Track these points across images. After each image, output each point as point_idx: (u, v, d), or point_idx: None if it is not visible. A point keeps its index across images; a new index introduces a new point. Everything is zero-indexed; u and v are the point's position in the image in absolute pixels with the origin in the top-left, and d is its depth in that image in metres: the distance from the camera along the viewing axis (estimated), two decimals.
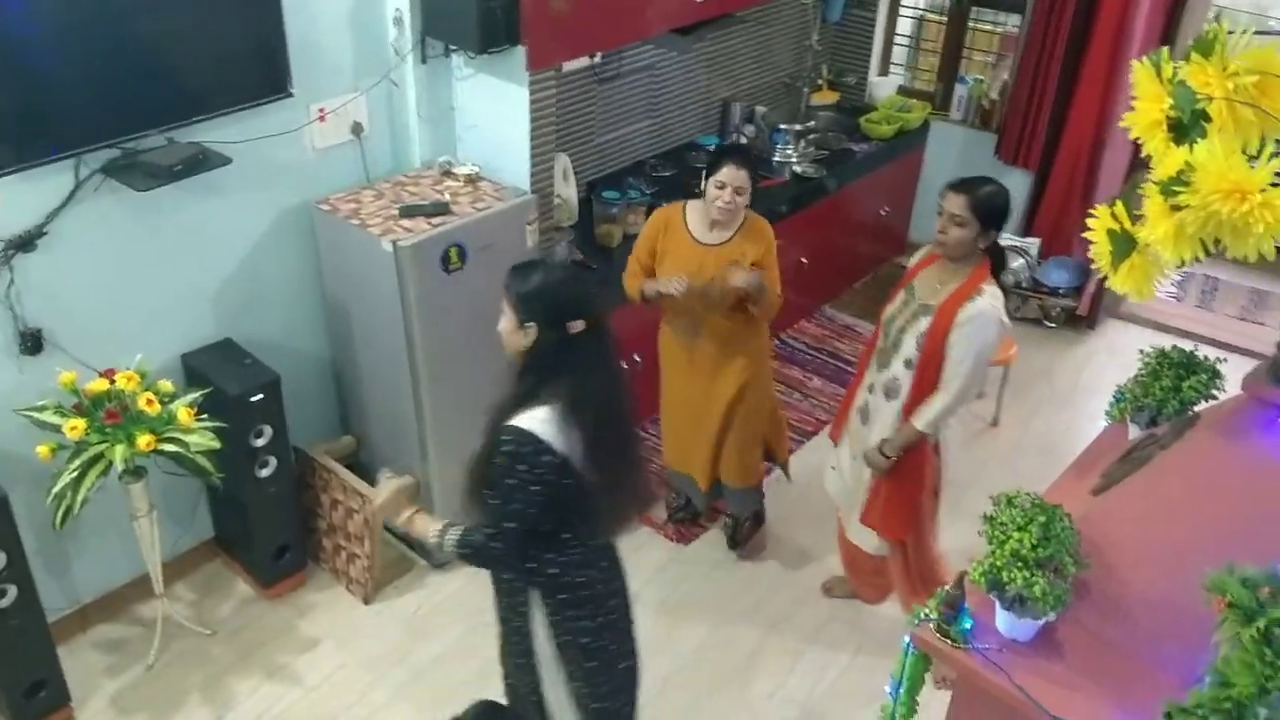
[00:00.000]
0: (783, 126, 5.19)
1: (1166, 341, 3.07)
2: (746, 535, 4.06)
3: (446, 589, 3.81)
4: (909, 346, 3.14)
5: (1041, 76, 5.30)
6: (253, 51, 3.27)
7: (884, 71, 6.13)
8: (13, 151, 2.83)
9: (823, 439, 4.69)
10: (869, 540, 3.44)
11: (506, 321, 2.42)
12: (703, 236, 3.46)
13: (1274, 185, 1.67)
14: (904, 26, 6.12)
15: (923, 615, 2.04)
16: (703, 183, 3.40)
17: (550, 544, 2.44)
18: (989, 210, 3.02)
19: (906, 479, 3.22)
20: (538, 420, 2.31)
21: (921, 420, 3.10)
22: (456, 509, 2.94)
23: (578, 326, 2.37)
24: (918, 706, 2.24)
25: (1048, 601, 1.90)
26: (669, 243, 3.50)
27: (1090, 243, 1.97)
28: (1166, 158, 1.78)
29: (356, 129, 3.69)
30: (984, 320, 2.98)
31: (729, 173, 3.31)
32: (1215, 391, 2.41)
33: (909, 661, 2.13)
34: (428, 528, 2.47)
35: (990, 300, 3.00)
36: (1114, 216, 1.91)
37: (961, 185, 3.08)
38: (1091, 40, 5.12)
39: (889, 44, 6.10)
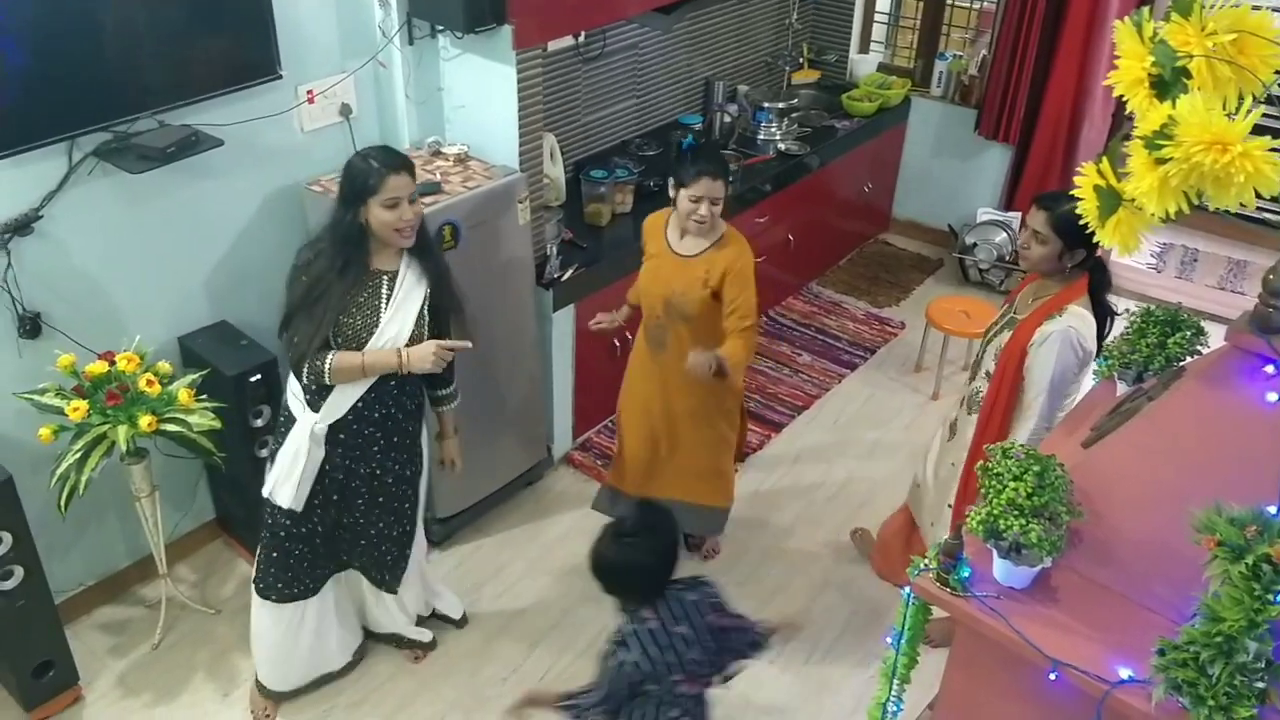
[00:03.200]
0: (766, 105, 5.23)
1: None
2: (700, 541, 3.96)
3: (446, 564, 3.86)
4: (990, 360, 3.12)
5: (1019, 51, 5.36)
6: (241, 33, 3.29)
7: (864, 49, 6.19)
8: (6, 135, 2.84)
9: (811, 414, 4.76)
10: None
11: None
12: (676, 245, 3.37)
13: (1252, 137, 1.73)
14: (883, 3, 6.19)
15: (922, 565, 2.09)
16: (671, 190, 3.28)
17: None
18: (1071, 227, 2.78)
19: None
20: None
21: None
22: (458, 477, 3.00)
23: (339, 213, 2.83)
24: (918, 657, 2.30)
25: (1044, 547, 1.95)
26: (651, 248, 3.46)
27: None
28: (1150, 113, 1.83)
29: (345, 110, 3.71)
30: (1055, 342, 2.88)
31: (705, 185, 3.17)
32: (1200, 347, 2.46)
33: (910, 611, 2.19)
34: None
35: (1069, 321, 2.90)
36: (1100, 173, 1.96)
37: (1044, 200, 2.96)
38: (1067, 14, 5.18)
39: (869, 21, 6.15)
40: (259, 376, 3.38)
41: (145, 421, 2.99)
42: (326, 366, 2.83)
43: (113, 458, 3.07)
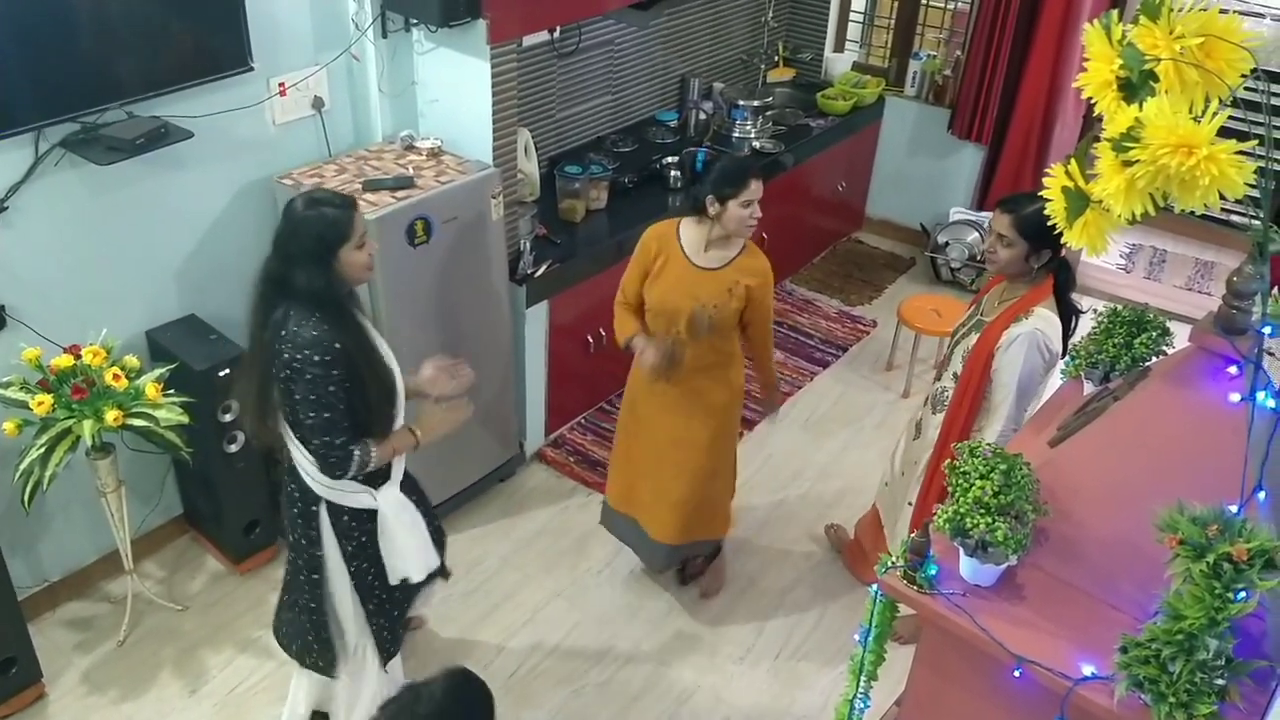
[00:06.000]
0: (741, 103, 5.24)
1: None
2: (699, 569, 3.82)
3: None
4: (957, 361, 3.14)
5: (993, 52, 5.39)
6: (213, 24, 3.25)
7: (839, 48, 6.20)
8: None
9: (783, 411, 4.77)
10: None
11: None
12: (698, 259, 3.20)
13: (1218, 140, 1.75)
14: (858, 3, 6.20)
15: (890, 563, 2.11)
16: (711, 208, 3.12)
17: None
18: (1037, 228, 2.80)
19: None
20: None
21: None
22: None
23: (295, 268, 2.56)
24: (886, 654, 2.31)
25: (1009, 545, 1.96)
26: (663, 265, 3.22)
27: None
28: (1117, 115, 1.85)
29: (317, 103, 3.68)
30: (1021, 345, 2.90)
31: (756, 187, 3.10)
32: (1165, 348, 2.49)
33: (877, 608, 2.20)
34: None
35: (1036, 323, 2.91)
36: (1069, 174, 1.98)
37: (1008, 203, 2.97)
38: (1041, 16, 5.22)
39: (844, 20, 6.17)
40: (227, 371, 3.35)
41: (111, 416, 2.96)
42: (372, 455, 2.67)
43: (78, 452, 3.04)
